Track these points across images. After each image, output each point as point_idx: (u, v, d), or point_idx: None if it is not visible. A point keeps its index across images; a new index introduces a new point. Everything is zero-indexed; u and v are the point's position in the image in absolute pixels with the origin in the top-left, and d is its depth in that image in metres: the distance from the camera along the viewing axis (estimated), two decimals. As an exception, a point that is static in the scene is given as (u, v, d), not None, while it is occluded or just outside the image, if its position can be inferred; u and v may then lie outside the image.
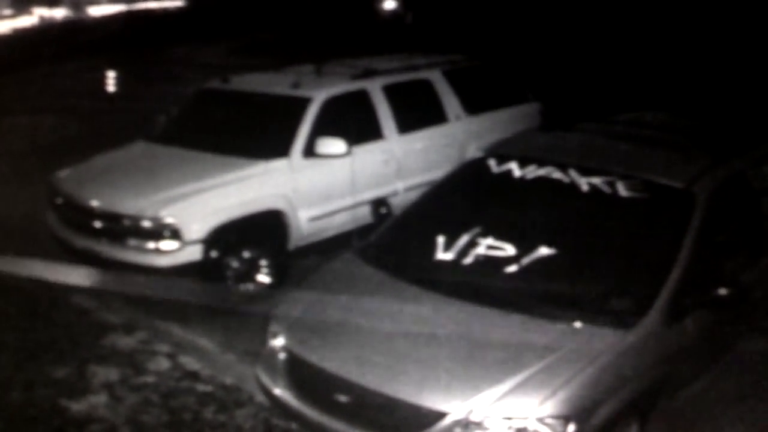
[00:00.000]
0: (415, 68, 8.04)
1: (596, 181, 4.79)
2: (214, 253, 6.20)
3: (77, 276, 6.69)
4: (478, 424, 3.71)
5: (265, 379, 4.47)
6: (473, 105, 8.16)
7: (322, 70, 7.76)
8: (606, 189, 4.74)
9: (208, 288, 6.33)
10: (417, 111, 7.75)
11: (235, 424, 4.77)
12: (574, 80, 12.49)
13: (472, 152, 6.61)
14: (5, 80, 16.92)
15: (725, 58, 12.01)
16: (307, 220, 6.74)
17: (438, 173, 6.25)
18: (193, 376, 5.30)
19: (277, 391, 4.37)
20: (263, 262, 6.51)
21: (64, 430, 4.73)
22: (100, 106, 14.27)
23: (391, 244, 5.07)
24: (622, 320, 4.04)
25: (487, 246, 4.62)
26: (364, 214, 6.62)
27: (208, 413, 4.88)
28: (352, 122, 7.10)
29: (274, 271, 6.54)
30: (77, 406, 4.94)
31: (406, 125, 7.52)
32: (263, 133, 7.00)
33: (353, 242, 5.39)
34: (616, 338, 3.94)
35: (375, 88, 7.43)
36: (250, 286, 6.46)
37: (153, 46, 20.01)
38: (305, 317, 4.55)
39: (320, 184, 6.83)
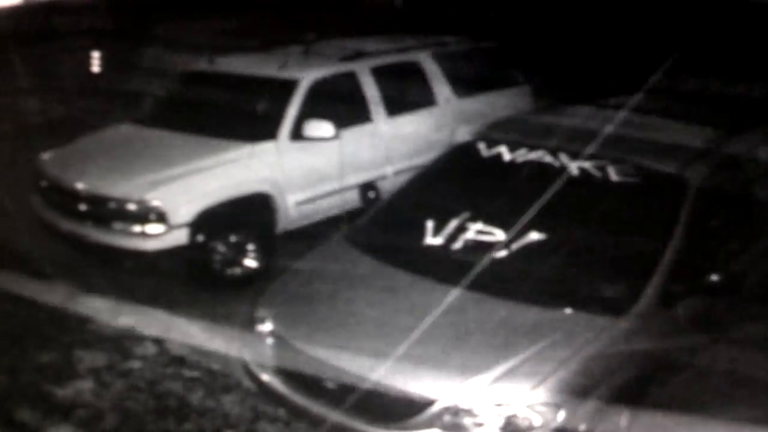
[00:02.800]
0: (404, 50, 7.97)
1: (587, 165, 4.76)
2: (200, 237, 6.14)
3: (63, 260, 6.63)
4: (468, 411, 3.70)
5: (253, 365, 4.44)
6: (463, 87, 8.10)
7: (310, 51, 7.67)
8: (597, 173, 4.71)
9: (195, 272, 6.28)
10: (406, 93, 7.69)
11: (222, 410, 4.74)
12: (567, 63, 12.43)
13: (462, 135, 6.56)
14: (-12, 61, 16.68)
15: (720, 40, 11.97)
16: (294, 204, 6.68)
17: (427, 157, 6.20)
18: (180, 361, 5.27)
19: (265, 377, 4.34)
20: (250, 247, 6.46)
21: (49, 415, 4.69)
22: (85, 87, 14.11)
23: (379, 228, 5.03)
24: (612, 307, 4.03)
25: (476, 231, 4.60)
26: (353, 198, 6.59)
27: (195, 399, 4.85)
28: (341, 104, 7.03)
29: (261, 256, 6.48)
30: (63, 392, 4.91)
31: (395, 108, 7.45)
32: (250, 116, 6.93)
33: (341, 226, 5.35)
34: (607, 325, 3.93)
35: (363, 70, 7.36)
36: (237, 271, 6.40)
37: (139, 27, 19.79)
38: (293, 302, 4.52)
39: (308, 167, 6.76)
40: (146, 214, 5.97)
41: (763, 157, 5.23)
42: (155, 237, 6.01)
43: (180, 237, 6.04)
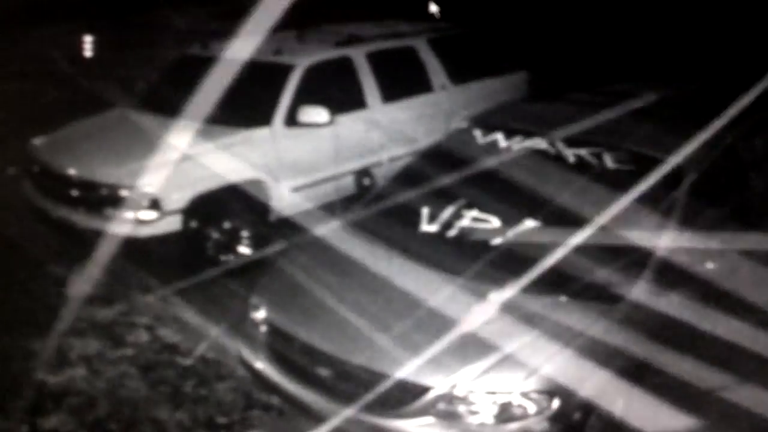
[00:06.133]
0: (400, 35, 7.91)
1: (583, 152, 4.73)
2: (193, 224, 6.10)
3: (54, 246, 6.59)
4: (462, 399, 3.68)
5: (246, 353, 4.42)
6: (459, 74, 8.05)
7: (305, 36, 7.61)
8: (593, 161, 4.68)
9: (188, 259, 6.24)
10: (401, 79, 7.63)
11: (215, 397, 4.73)
12: (564, 49, 12.39)
13: (458, 122, 6.52)
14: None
15: (718, 25, 11.92)
16: (289, 191, 6.64)
17: (423, 143, 6.17)
18: (173, 348, 5.25)
19: (259, 365, 4.31)
20: (244, 233, 6.42)
21: (41, 403, 4.67)
22: (78, 71, 14.03)
23: (374, 215, 4.99)
24: (608, 294, 3.99)
25: (472, 218, 4.57)
26: (348, 185, 6.55)
27: (188, 387, 4.84)
28: (336, 90, 6.98)
29: (255, 242, 6.44)
30: (55, 379, 4.89)
31: (390, 94, 7.40)
32: (244, 101, 6.86)
33: (336, 213, 5.32)
34: (602, 313, 3.91)
35: (359, 56, 7.31)
36: (231, 257, 6.37)
37: (133, 10, 19.67)
38: (287, 289, 4.48)
39: (302, 153, 6.71)
40: (139, 200, 5.92)
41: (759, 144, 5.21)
42: (148, 223, 5.96)
43: (173, 223, 6.00)
